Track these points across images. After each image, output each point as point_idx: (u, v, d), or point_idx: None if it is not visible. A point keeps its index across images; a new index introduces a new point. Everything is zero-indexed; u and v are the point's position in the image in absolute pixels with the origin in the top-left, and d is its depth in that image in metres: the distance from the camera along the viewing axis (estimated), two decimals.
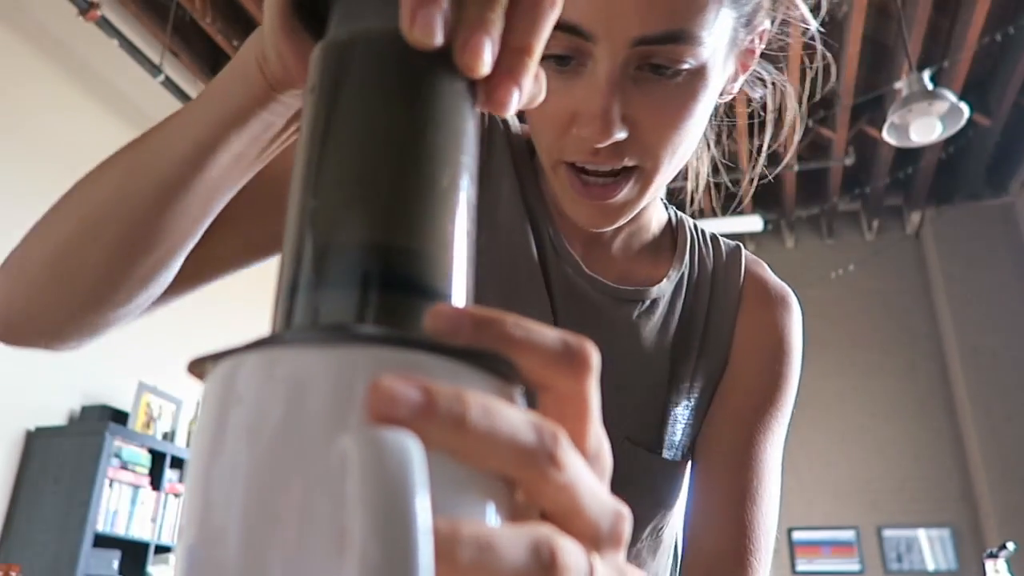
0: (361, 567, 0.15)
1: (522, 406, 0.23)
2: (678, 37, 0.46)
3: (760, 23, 0.55)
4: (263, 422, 0.19)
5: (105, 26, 3.81)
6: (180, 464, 3.90)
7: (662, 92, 0.49)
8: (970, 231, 5.87)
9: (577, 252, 0.62)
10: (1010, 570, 3.13)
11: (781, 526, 5.69)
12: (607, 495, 0.22)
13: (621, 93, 0.48)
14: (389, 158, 0.22)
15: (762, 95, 0.64)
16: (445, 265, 0.22)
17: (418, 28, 0.22)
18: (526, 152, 0.65)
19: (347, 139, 0.23)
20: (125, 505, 3.52)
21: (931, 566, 5.55)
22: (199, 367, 0.21)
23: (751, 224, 5.54)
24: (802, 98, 0.65)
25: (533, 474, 0.19)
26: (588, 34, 0.47)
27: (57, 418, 3.46)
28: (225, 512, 0.18)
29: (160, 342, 3.90)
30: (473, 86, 0.25)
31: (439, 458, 0.18)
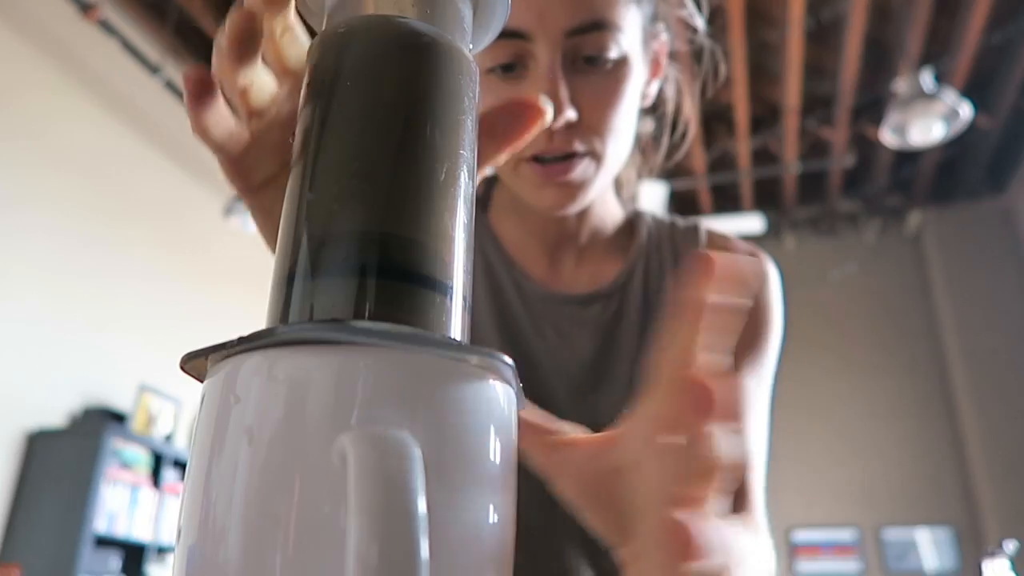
0: (360, 567, 0.15)
1: (520, 405, 0.23)
2: (601, 25, 0.56)
3: (661, 31, 0.64)
4: (263, 422, 0.19)
5: (105, 26, 3.81)
6: (180, 465, 3.90)
7: (597, 78, 0.57)
8: (970, 232, 5.86)
9: (542, 272, 0.68)
10: (1013, 569, 3.12)
11: (781, 526, 5.69)
12: None
13: (564, 80, 0.56)
14: (387, 150, 0.22)
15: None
16: (444, 255, 0.22)
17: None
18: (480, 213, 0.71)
19: (344, 131, 0.23)
20: (125, 506, 3.51)
21: (931, 566, 5.54)
22: (193, 362, 0.21)
23: (751, 224, 5.54)
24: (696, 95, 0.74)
25: None
26: (527, 34, 0.55)
27: (57, 419, 3.46)
28: (225, 512, 0.18)
29: (160, 343, 3.90)
30: (474, 81, 0.25)
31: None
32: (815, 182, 5.89)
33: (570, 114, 0.55)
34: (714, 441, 0.23)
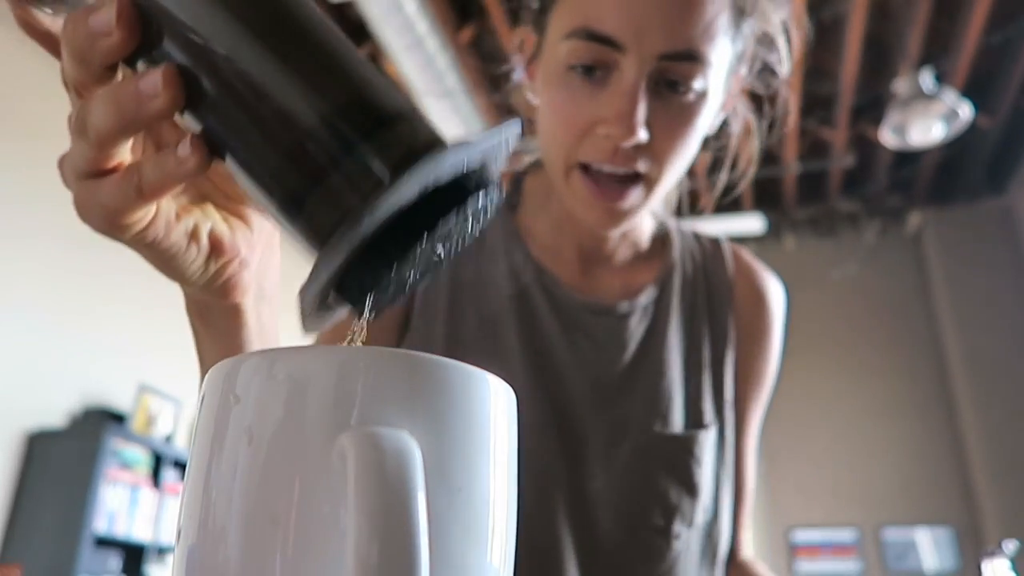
0: (359, 566, 0.15)
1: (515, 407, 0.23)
2: (695, 57, 0.55)
3: (743, 68, 0.63)
4: (263, 422, 0.19)
5: None
6: (180, 465, 3.89)
7: (675, 106, 0.56)
8: (970, 232, 5.86)
9: (574, 278, 0.68)
10: (1013, 569, 3.12)
11: (781, 526, 5.69)
12: None
13: (645, 101, 0.55)
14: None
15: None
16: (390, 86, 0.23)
17: None
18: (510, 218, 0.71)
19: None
20: (125, 506, 3.51)
21: (931, 566, 5.54)
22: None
23: (751, 225, 5.54)
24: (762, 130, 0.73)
25: None
26: (620, 44, 0.54)
27: (57, 420, 3.46)
28: (225, 512, 0.18)
29: (160, 343, 3.90)
30: None
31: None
32: (815, 182, 5.89)
33: (642, 135, 0.55)
34: None
